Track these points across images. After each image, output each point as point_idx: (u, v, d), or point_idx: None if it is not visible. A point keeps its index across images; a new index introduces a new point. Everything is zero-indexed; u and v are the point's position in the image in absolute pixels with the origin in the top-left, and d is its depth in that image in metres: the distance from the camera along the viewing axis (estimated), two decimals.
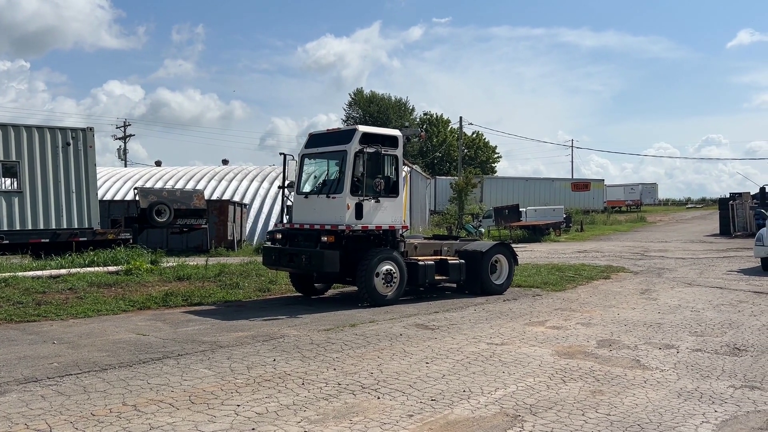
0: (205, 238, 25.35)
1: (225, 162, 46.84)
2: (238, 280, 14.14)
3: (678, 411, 5.57)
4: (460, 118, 49.90)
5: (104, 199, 29.25)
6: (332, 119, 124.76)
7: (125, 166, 59.90)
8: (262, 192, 33.24)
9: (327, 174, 12.66)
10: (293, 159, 12.94)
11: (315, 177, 12.93)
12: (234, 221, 27.42)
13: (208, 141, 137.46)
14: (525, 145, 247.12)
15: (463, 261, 13.03)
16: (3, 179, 18.97)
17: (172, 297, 12.09)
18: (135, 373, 6.82)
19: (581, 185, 60.12)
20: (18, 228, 18.65)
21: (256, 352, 7.86)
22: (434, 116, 75.28)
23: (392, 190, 12.19)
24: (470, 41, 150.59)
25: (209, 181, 34.78)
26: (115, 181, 36.76)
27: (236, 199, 30.85)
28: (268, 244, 13.77)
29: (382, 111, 69.93)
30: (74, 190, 19.72)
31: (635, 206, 66.70)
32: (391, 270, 11.77)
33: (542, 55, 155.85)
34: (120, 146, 64.87)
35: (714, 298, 12.39)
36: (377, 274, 11.58)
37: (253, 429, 5.07)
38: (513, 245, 15.24)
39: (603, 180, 63.96)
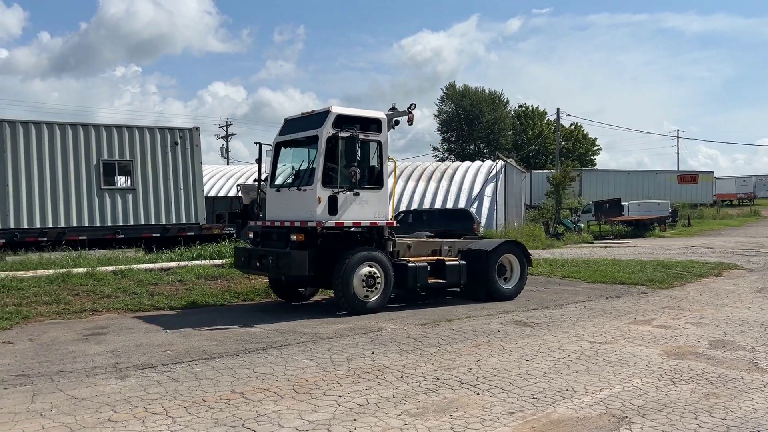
0: None
1: None
2: None
3: None
4: (557, 109, 48.69)
5: (209, 195, 30.64)
6: (425, 114, 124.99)
7: (228, 163, 62.47)
8: None
9: (300, 163, 11.14)
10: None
11: (290, 167, 11.53)
12: None
13: None
14: (627, 136, 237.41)
15: (463, 262, 11.52)
16: (118, 177, 20.26)
17: None
18: (241, 362, 7.11)
19: (688, 178, 57.00)
20: (132, 223, 19.87)
21: (355, 344, 7.99)
22: (530, 108, 73.69)
23: (376, 181, 10.74)
24: (567, 30, 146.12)
25: None
26: (219, 178, 38.44)
27: None
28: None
29: (474, 104, 69.13)
30: (182, 188, 20.76)
31: (748, 199, 62.68)
32: (373, 272, 10.36)
33: (644, 42, 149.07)
34: (223, 145, 67.74)
35: None
36: (356, 278, 10.21)
37: (355, 420, 5.16)
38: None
39: (712, 172, 60.42)
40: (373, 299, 10.41)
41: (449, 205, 30.83)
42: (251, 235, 11.79)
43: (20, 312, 10.14)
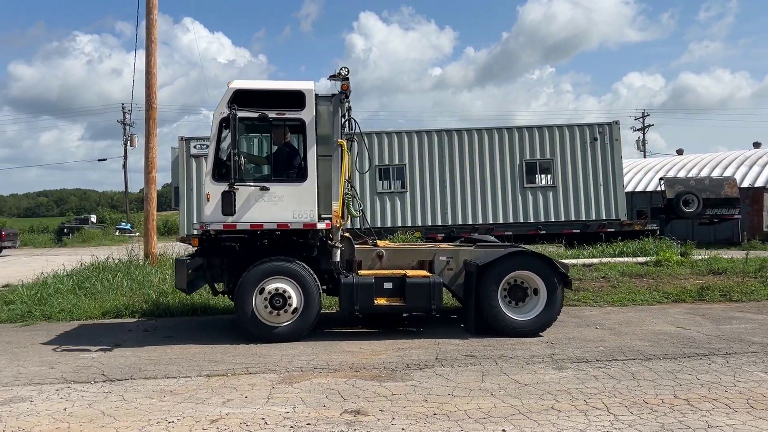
0: (735, 229, 23.32)
1: (756, 145, 42.18)
2: None
3: None
4: None
5: (627, 190, 29.83)
6: None
7: (644, 156, 59.74)
8: None
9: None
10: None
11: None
12: None
13: (734, 124, 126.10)
14: None
15: (439, 280, 8.51)
16: (539, 176, 21.24)
17: (708, 291, 11.43)
18: (681, 366, 6.64)
19: None
20: (552, 219, 20.63)
21: None
22: None
23: (298, 172, 8.42)
24: None
25: (738, 167, 31.78)
26: (636, 172, 37.00)
27: None
28: None
29: None
30: (601, 183, 20.69)
31: None
32: (282, 290, 8.16)
33: None
34: (638, 137, 65.03)
35: None
36: (257, 296, 8.16)
37: None
38: None
39: None
40: (284, 325, 8.22)
41: None
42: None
43: None
